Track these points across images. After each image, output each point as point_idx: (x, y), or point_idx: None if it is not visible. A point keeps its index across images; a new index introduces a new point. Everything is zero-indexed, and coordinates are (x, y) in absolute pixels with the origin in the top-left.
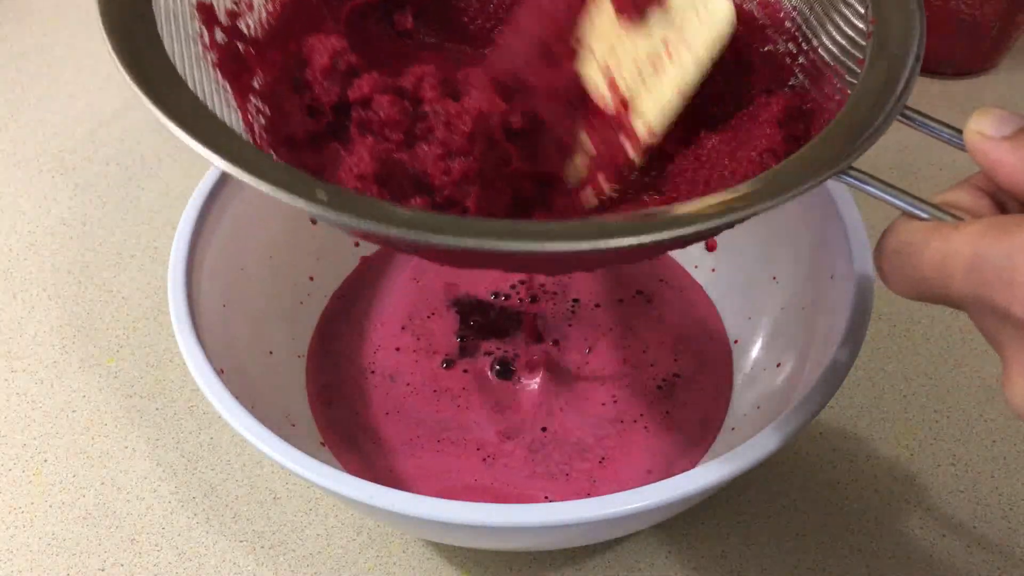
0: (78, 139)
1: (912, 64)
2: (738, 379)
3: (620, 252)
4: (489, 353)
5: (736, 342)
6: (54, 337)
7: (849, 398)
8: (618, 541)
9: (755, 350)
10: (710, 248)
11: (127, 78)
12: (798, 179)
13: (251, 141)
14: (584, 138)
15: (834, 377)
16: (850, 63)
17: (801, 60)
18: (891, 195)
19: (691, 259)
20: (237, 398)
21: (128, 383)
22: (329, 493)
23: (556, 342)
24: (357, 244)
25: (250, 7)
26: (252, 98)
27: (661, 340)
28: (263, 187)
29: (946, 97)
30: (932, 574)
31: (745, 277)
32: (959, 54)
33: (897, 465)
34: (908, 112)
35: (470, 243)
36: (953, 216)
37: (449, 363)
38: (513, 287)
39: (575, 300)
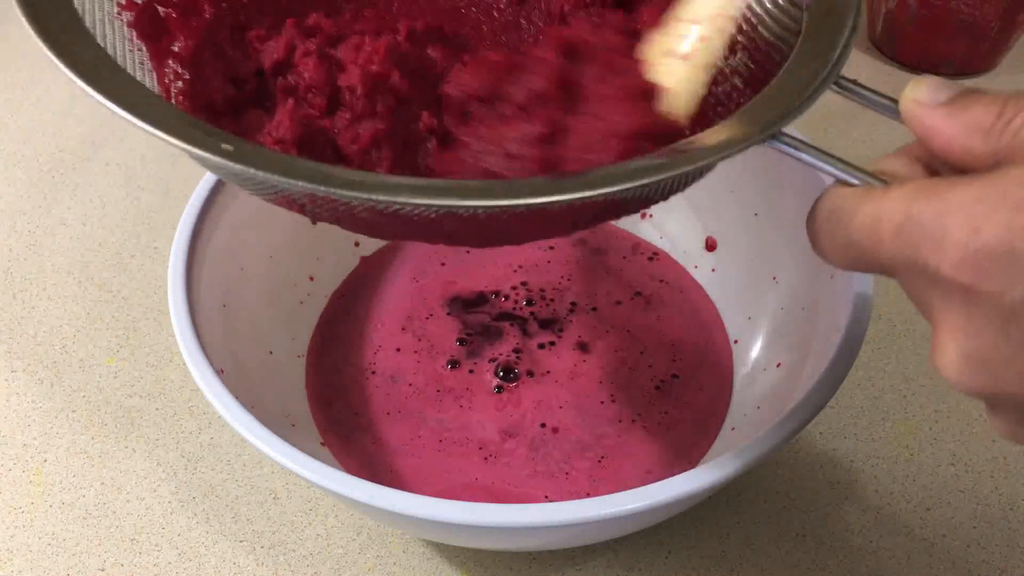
0: (78, 139)
1: (848, 34)
2: (738, 379)
3: (525, 215)
4: (494, 360)
5: (736, 342)
6: (54, 337)
7: (849, 398)
8: (618, 541)
9: (755, 350)
10: (710, 248)
11: (29, 28)
12: (724, 145)
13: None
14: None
15: (834, 377)
16: (787, 34)
17: (739, 38)
18: (824, 162)
19: (691, 259)
20: (237, 398)
21: (128, 383)
22: (329, 493)
23: (552, 343)
24: (357, 244)
25: None
26: (170, 62)
27: (660, 340)
28: (163, 136)
29: None
30: (932, 574)
31: (745, 277)
32: (959, 54)
33: (897, 465)
34: (843, 81)
35: (380, 198)
36: (886, 183)
37: (454, 364)
38: (514, 288)
39: (574, 302)
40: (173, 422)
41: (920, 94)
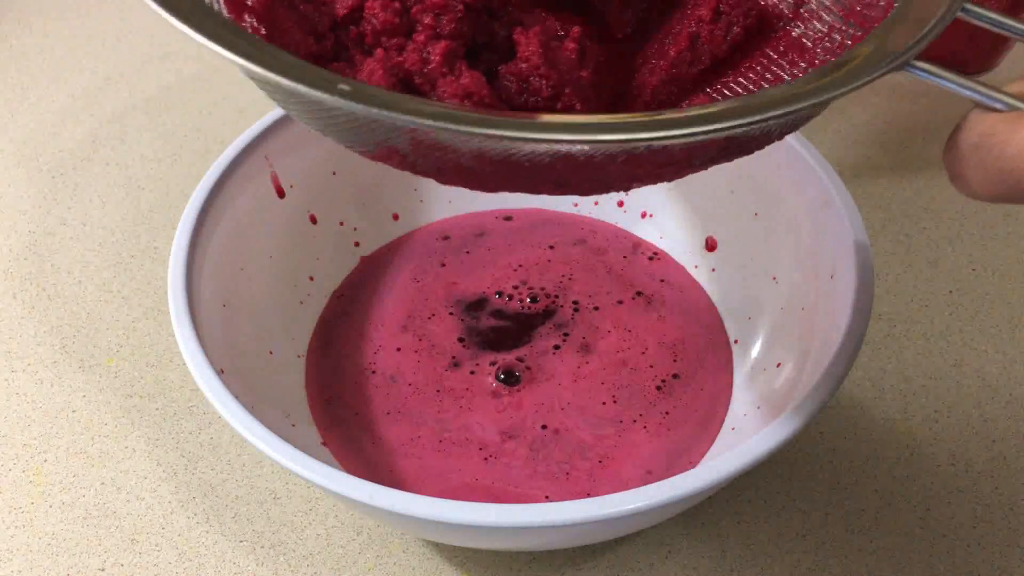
0: (78, 139)
1: None
2: (738, 379)
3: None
4: (495, 363)
5: (736, 342)
6: (54, 337)
7: (849, 398)
8: (618, 541)
9: (755, 350)
10: (710, 248)
11: None
12: (861, 70)
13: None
14: None
15: (834, 377)
16: None
17: None
18: (961, 87)
19: (691, 259)
20: (237, 398)
21: (128, 383)
22: (329, 493)
23: (557, 347)
24: (357, 244)
25: None
26: (247, 16)
27: (661, 340)
28: (283, 81)
29: (945, 97)
30: (932, 574)
31: (745, 277)
32: (959, 54)
33: (897, 465)
34: (969, 6)
35: (512, 133)
36: None
37: (455, 365)
38: (515, 287)
39: (575, 302)
40: (173, 422)
41: None
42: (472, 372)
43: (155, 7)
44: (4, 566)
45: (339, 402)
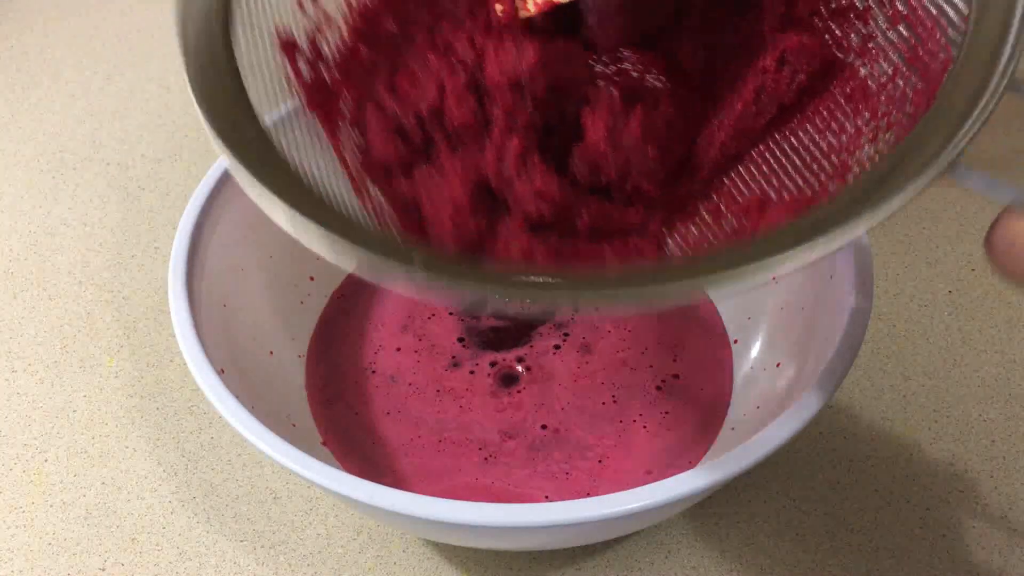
0: (78, 139)
1: (1020, 19)
2: (738, 379)
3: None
4: (495, 363)
5: (736, 342)
6: (54, 337)
7: (849, 398)
8: (618, 541)
9: (755, 350)
10: None
11: (225, 153)
12: (894, 188)
13: (347, 176)
14: None
15: (834, 377)
16: (952, 14)
17: (899, 6)
18: (993, 191)
19: None
20: (237, 398)
21: (128, 383)
22: (329, 493)
23: (557, 347)
24: None
25: (328, 22)
26: (340, 124)
27: (661, 340)
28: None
29: None
30: (932, 574)
31: None
32: None
33: (897, 465)
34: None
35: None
36: None
37: (455, 364)
38: None
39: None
40: (173, 422)
41: None
42: (472, 372)
43: (282, 219)
44: (4, 566)
45: (339, 402)
